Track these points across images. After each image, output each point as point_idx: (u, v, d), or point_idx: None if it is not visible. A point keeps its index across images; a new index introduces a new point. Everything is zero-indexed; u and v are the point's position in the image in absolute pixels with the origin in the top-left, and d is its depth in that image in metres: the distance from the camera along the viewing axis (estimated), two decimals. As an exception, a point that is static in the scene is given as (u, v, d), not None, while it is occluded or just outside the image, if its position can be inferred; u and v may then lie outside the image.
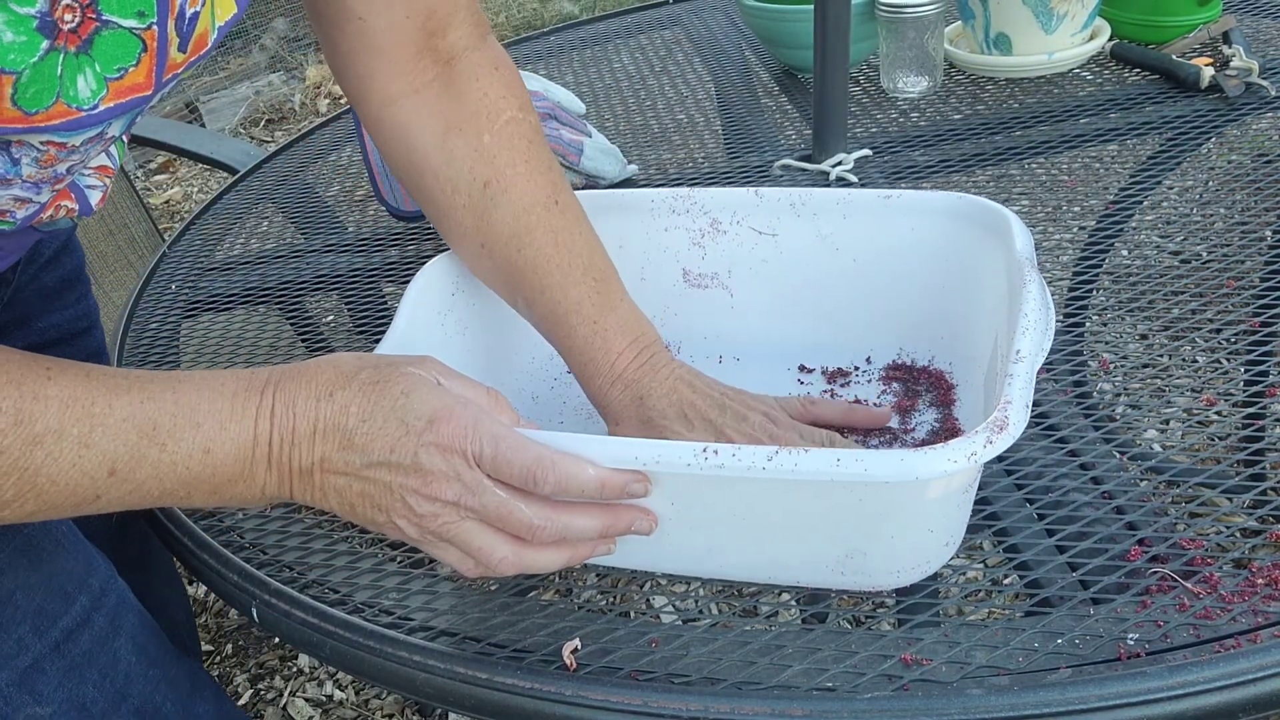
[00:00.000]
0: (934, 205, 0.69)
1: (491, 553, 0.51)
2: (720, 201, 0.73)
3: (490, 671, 0.53)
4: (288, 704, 1.48)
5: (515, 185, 0.65)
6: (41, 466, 0.47)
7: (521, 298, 0.66)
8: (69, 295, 0.78)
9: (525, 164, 0.65)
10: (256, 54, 3.74)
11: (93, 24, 0.43)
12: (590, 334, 0.64)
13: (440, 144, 0.65)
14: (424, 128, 0.65)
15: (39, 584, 0.59)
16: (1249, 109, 0.97)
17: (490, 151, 0.64)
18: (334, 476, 0.51)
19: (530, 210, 0.65)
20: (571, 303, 0.64)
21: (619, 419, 0.64)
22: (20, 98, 0.43)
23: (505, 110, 0.65)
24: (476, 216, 0.65)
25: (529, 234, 0.64)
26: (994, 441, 0.47)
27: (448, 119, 0.65)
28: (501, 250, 0.65)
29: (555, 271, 0.64)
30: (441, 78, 0.65)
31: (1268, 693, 0.46)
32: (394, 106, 0.65)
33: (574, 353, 0.65)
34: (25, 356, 0.48)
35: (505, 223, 0.64)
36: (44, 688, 0.59)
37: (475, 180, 0.64)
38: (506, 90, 0.66)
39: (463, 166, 0.64)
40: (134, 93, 0.47)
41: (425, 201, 0.67)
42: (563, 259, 0.65)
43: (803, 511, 0.52)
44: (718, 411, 0.62)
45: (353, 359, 0.54)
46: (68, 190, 0.56)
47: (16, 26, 0.41)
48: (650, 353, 0.65)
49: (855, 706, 0.48)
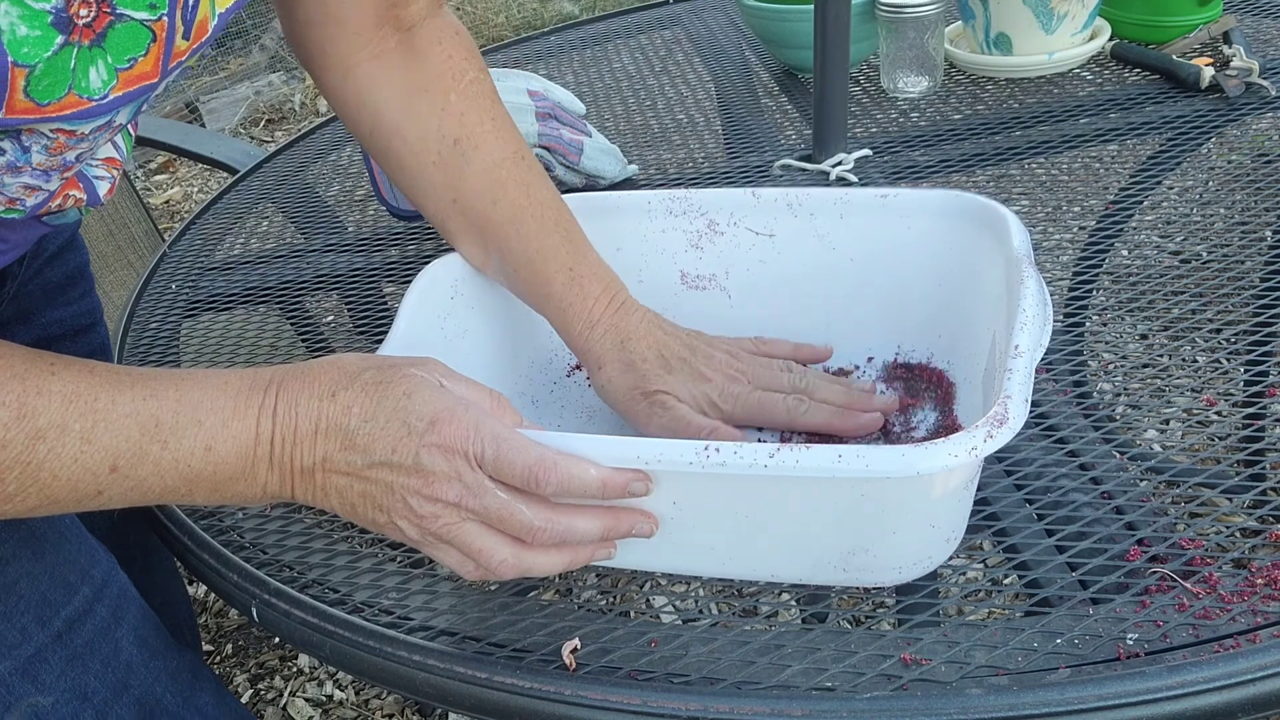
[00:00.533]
0: (931, 204, 0.69)
1: (492, 554, 0.51)
2: (717, 202, 0.73)
3: (490, 671, 0.53)
4: (288, 704, 1.49)
5: (485, 141, 0.67)
6: (44, 461, 0.47)
7: (495, 250, 0.68)
8: (72, 291, 0.78)
9: (491, 121, 0.68)
10: (256, 54, 3.74)
11: (108, 18, 0.44)
12: (568, 280, 0.67)
13: (405, 105, 0.67)
14: (388, 91, 0.67)
15: (42, 574, 0.60)
16: (1249, 109, 0.97)
17: (457, 109, 0.67)
18: (335, 476, 0.52)
19: (501, 165, 0.67)
20: (549, 251, 0.67)
21: (602, 362, 0.67)
22: (33, 90, 0.43)
23: (468, 71, 0.68)
24: (447, 173, 0.67)
25: (502, 188, 0.67)
26: (994, 436, 0.47)
27: (410, 81, 0.67)
28: (475, 204, 0.67)
29: (530, 221, 0.67)
30: (402, 44, 0.67)
31: (1267, 693, 0.46)
32: (355, 73, 0.67)
33: (552, 300, 0.67)
34: (30, 352, 0.49)
35: (478, 177, 0.67)
36: (46, 677, 0.59)
37: (445, 138, 0.67)
38: (468, 53, 0.68)
39: (430, 125, 0.66)
40: (142, 81, 0.47)
41: (392, 163, 0.69)
42: (536, 210, 0.67)
43: (805, 508, 0.52)
44: (689, 352, 0.67)
45: (356, 359, 0.54)
46: (76, 180, 0.56)
47: (31, 21, 0.41)
48: (621, 298, 0.68)
49: (854, 706, 0.48)
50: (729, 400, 0.66)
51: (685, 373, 0.66)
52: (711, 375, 0.66)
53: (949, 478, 0.49)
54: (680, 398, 0.65)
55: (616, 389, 0.67)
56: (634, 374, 0.66)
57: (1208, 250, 0.82)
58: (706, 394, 0.66)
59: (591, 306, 0.67)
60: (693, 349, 0.67)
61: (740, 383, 0.66)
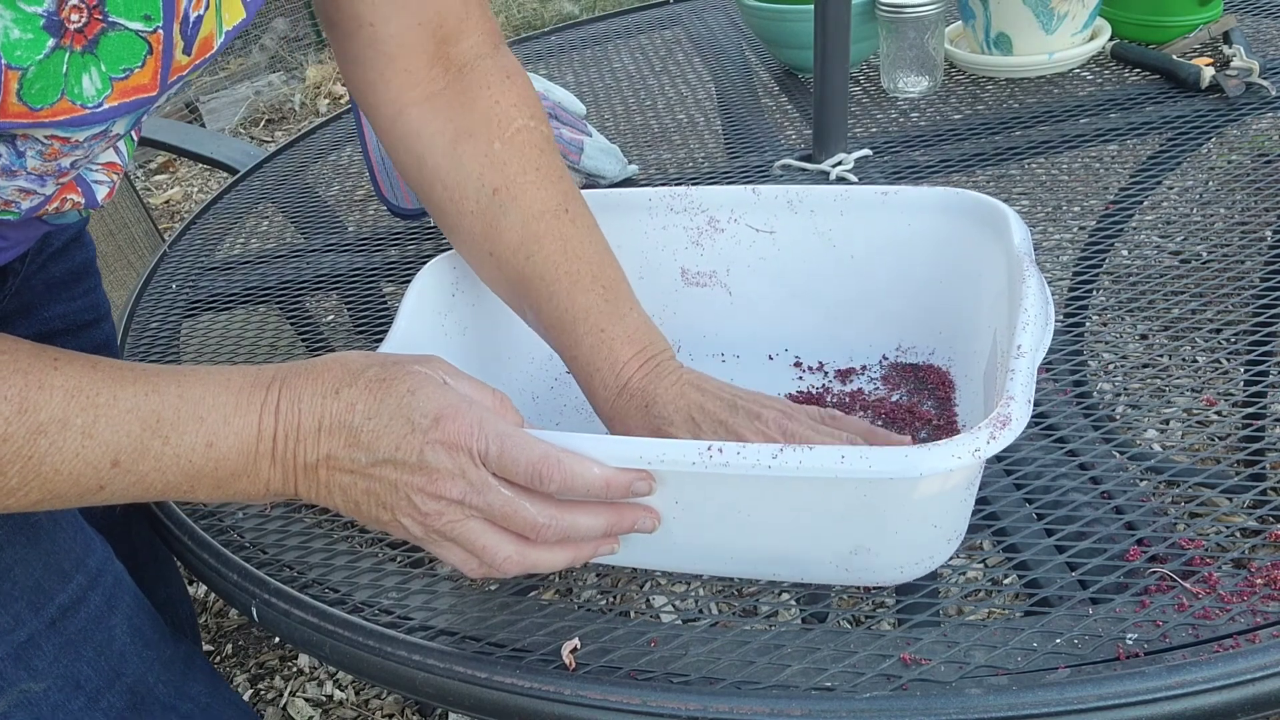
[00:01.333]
0: (931, 201, 0.69)
1: (496, 552, 0.51)
2: (718, 199, 0.73)
3: (489, 671, 0.53)
4: (288, 704, 1.49)
5: (525, 193, 0.64)
6: (45, 455, 0.47)
7: (529, 306, 0.65)
8: (76, 287, 0.78)
9: (535, 172, 0.64)
10: (256, 54, 3.74)
11: (99, 25, 0.44)
12: (596, 343, 0.63)
13: (450, 151, 0.64)
14: (434, 135, 0.64)
15: (37, 561, 0.60)
16: (1249, 109, 0.97)
17: (500, 159, 0.64)
18: (339, 474, 0.52)
19: (540, 218, 0.64)
20: (579, 310, 0.63)
21: (628, 429, 0.62)
22: (26, 93, 0.43)
23: (516, 119, 0.65)
24: (485, 224, 0.64)
25: (537, 242, 0.63)
26: (997, 437, 0.47)
27: (458, 126, 0.64)
28: (510, 258, 0.64)
29: (563, 279, 0.63)
30: (453, 86, 0.65)
31: (1266, 693, 0.46)
32: (405, 114, 0.64)
33: (580, 362, 0.64)
34: (35, 347, 0.49)
35: (514, 230, 0.64)
36: (39, 663, 0.59)
37: (484, 187, 0.64)
38: (519, 99, 0.65)
39: (471, 173, 0.64)
40: (139, 93, 0.47)
41: (434, 210, 0.67)
42: (571, 266, 0.63)
43: (807, 508, 0.52)
44: (729, 412, 0.60)
45: (360, 357, 0.54)
46: (74, 184, 0.56)
47: (24, 24, 0.41)
48: (657, 362, 0.63)
49: (854, 706, 0.48)
50: None
51: (717, 433, 0.60)
52: (750, 437, 0.59)
53: (952, 478, 0.49)
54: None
55: None
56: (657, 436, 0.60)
57: (1208, 250, 0.82)
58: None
59: (620, 370, 0.62)
60: (735, 409, 0.60)
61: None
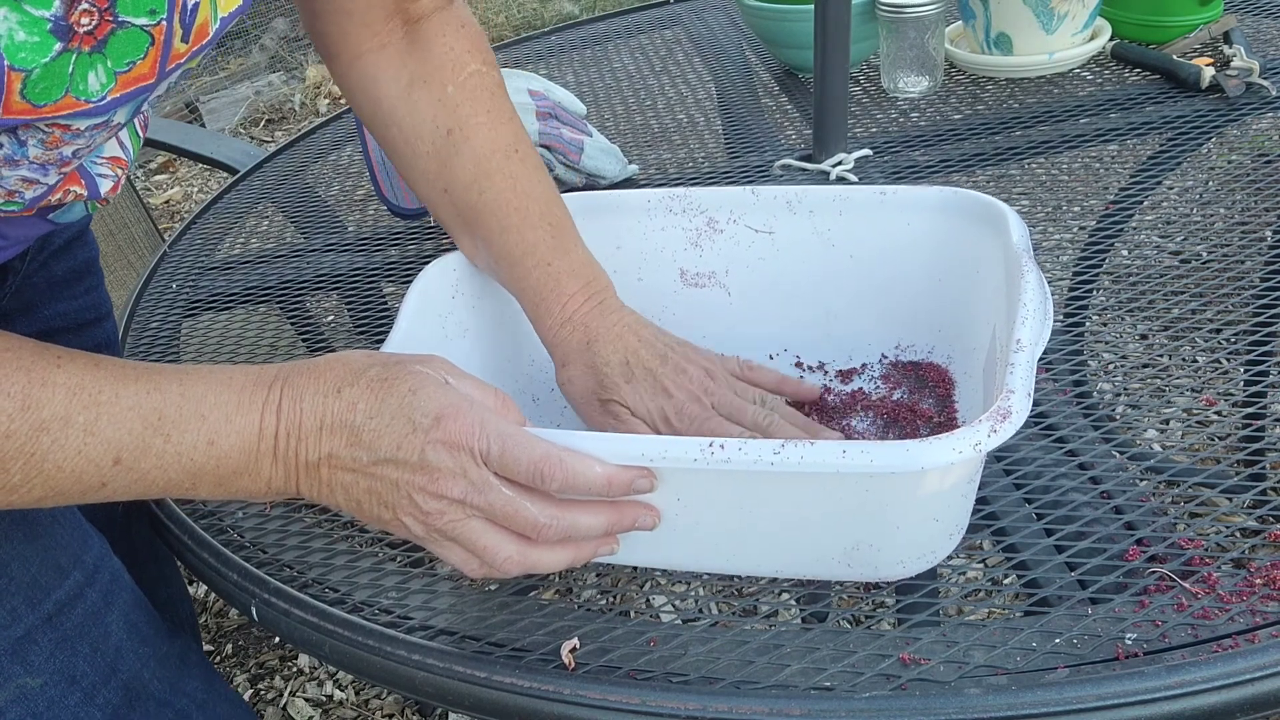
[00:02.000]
0: (929, 200, 0.69)
1: (497, 551, 0.51)
2: (716, 200, 0.73)
3: (489, 670, 0.53)
4: (288, 704, 1.49)
5: (477, 134, 0.68)
6: (48, 452, 0.47)
7: (480, 240, 0.69)
8: (78, 286, 0.78)
9: (487, 114, 0.68)
10: (256, 54, 3.74)
11: (109, 25, 0.44)
12: (544, 275, 0.67)
13: (405, 95, 0.68)
14: (390, 81, 0.68)
15: (34, 556, 0.60)
16: (1249, 109, 0.97)
17: (453, 101, 0.68)
18: (341, 473, 0.52)
19: (490, 157, 0.68)
20: (527, 245, 0.67)
21: (566, 360, 0.67)
22: (29, 92, 0.43)
23: (469, 64, 0.68)
24: (439, 163, 0.68)
25: (489, 179, 0.67)
26: (998, 430, 0.48)
27: (412, 72, 0.68)
28: (462, 194, 0.68)
29: (513, 214, 0.67)
30: (409, 35, 0.68)
31: (1265, 693, 0.46)
32: (361, 61, 0.68)
33: (527, 293, 0.67)
34: (39, 345, 0.49)
35: (466, 168, 0.67)
36: (35, 658, 0.59)
37: (438, 129, 0.67)
38: (471, 45, 0.69)
39: (425, 116, 0.68)
40: (139, 82, 0.48)
41: (391, 152, 0.70)
42: (520, 203, 0.67)
43: (809, 504, 0.52)
44: (659, 362, 0.65)
45: (361, 356, 0.54)
46: (77, 175, 0.56)
47: (30, 27, 0.41)
48: (601, 298, 0.67)
49: (853, 706, 0.48)
50: (684, 420, 0.64)
51: (647, 384, 0.64)
52: (675, 391, 0.64)
53: (953, 472, 0.50)
54: (634, 411, 0.64)
55: (576, 390, 0.66)
56: (594, 378, 0.65)
57: (1208, 250, 0.82)
58: (663, 409, 0.64)
59: (565, 303, 0.66)
60: (664, 359, 0.65)
61: (702, 405, 0.64)
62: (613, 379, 0.64)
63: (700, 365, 0.66)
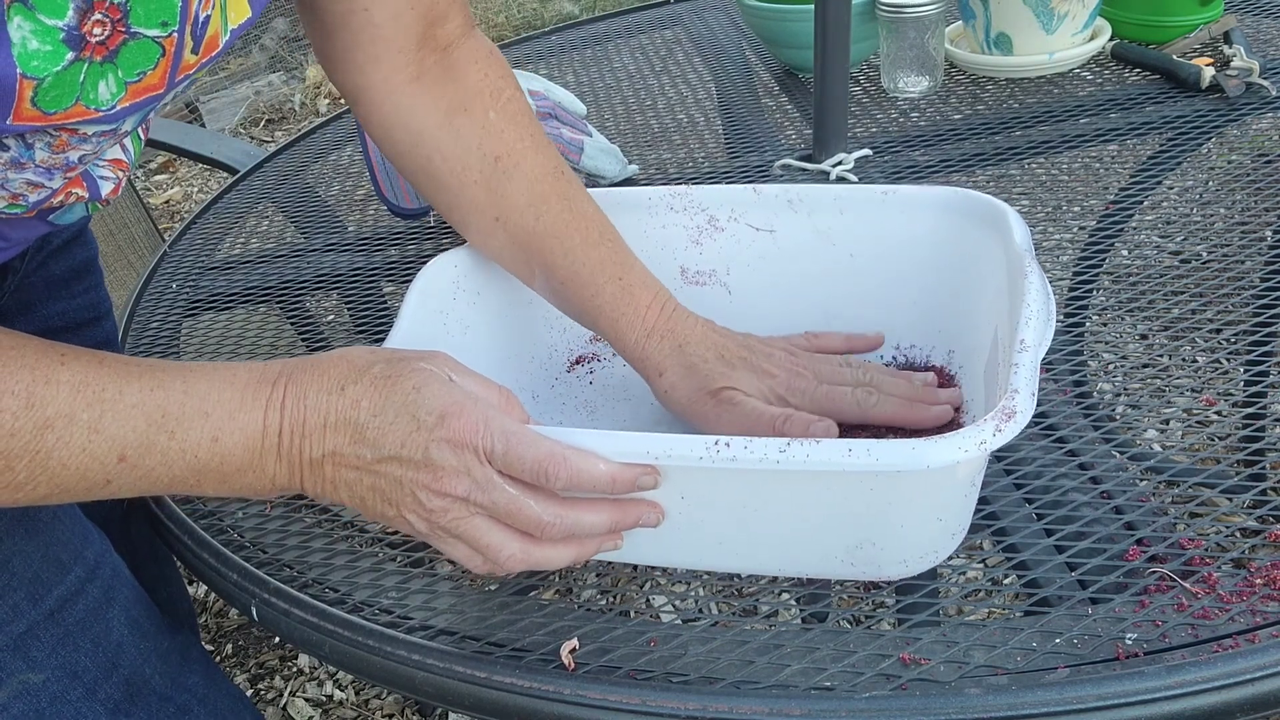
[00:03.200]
0: (930, 200, 0.69)
1: (501, 549, 0.52)
2: (717, 198, 0.73)
3: (489, 670, 0.53)
4: (288, 704, 1.49)
5: (525, 158, 0.67)
6: (52, 450, 0.47)
7: (540, 265, 0.68)
8: (77, 285, 0.78)
9: (530, 138, 0.68)
10: (256, 54, 3.74)
11: (121, 36, 0.44)
12: (619, 290, 0.66)
13: (445, 124, 0.66)
14: (428, 111, 0.66)
15: (35, 552, 0.60)
16: (1249, 109, 0.97)
17: (498, 127, 0.67)
18: (345, 470, 0.52)
19: (543, 180, 0.67)
20: (595, 262, 0.66)
21: (662, 369, 0.66)
22: (40, 100, 0.44)
23: (505, 89, 0.68)
24: (489, 190, 0.67)
25: (545, 202, 0.67)
26: (1003, 429, 0.48)
27: (450, 101, 0.66)
28: (518, 220, 0.67)
29: (575, 234, 0.67)
30: (440, 64, 0.67)
31: (1266, 693, 0.46)
32: (396, 94, 0.66)
33: (603, 311, 0.67)
34: (42, 343, 0.49)
35: (520, 193, 0.66)
36: (38, 654, 0.60)
37: (486, 155, 0.66)
38: (503, 71, 0.69)
39: (471, 144, 0.66)
40: (148, 92, 0.48)
41: (433, 184, 0.68)
42: (580, 224, 0.67)
43: (814, 502, 0.52)
44: (747, 351, 0.66)
45: (365, 353, 0.54)
46: (80, 178, 0.56)
47: (43, 36, 0.42)
48: (673, 306, 0.67)
49: (853, 706, 0.48)
50: (796, 395, 0.65)
51: (747, 369, 0.65)
52: (775, 371, 0.65)
53: (958, 471, 0.50)
54: (748, 392, 0.64)
55: (680, 394, 0.66)
56: (697, 376, 0.65)
57: (1208, 250, 0.82)
58: (773, 388, 0.65)
59: (645, 314, 0.66)
60: (750, 348, 0.66)
61: (805, 377, 0.65)
62: (718, 370, 0.65)
63: (780, 346, 0.68)
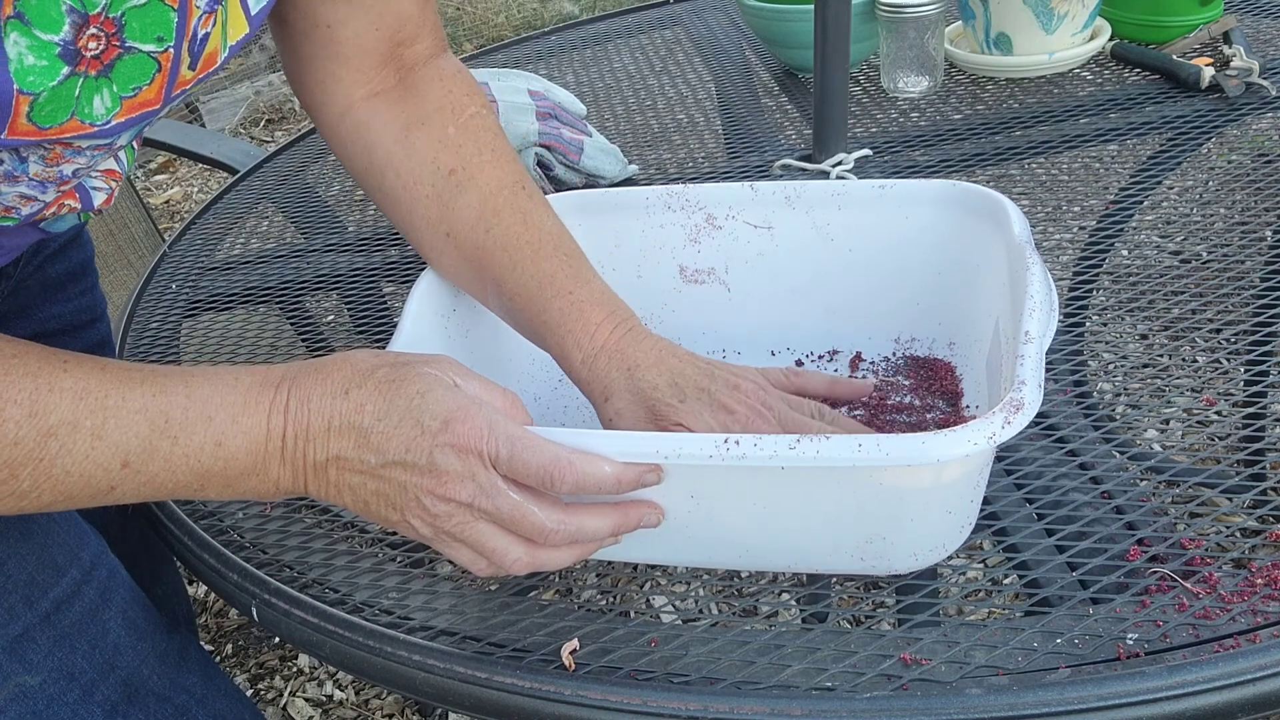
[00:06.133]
0: (928, 193, 0.69)
1: (505, 554, 0.52)
2: (715, 197, 0.73)
3: (489, 671, 0.53)
4: (288, 704, 1.48)
5: (482, 172, 0.65)
6: (56, 458, 0.47)
7: (490, 279, 0.65)
8: (73, 288, 0.78)
9: (491, 153, 0.66)
10: (256, 54, 3.74)
11: (116, 50, 0.44)
12: (567, 305, 0.62)
13: (401, 139, 0.65)
14: (384, 125, 0.66)
15: (30, 555, 0.60)
16: (1249, 109, 0.97)
17: (456, 142, 0.65)
18: (349, 474, 0.52)
19: (498, 193, 0.65)
20: (544, 276, 0.63)
21: (609, 393, 0.61)
22: (36, 115, 0.44)
23: (469, 107, 0.67)
24: (441, 205, 0.65)
25: (496, 215, 0.64)
26: (1012, 422, 0.48)
27: (409, 116, 0.66)
28: (468, 235, 0.65)
29: (525, 248, 0.64)
30: (403, 82, 0.66)
31: (1267, 692, 0.46)
32: (354, 110, 0.66)
33: (550, 328, 0.63)
34: (44, 350, 0.49)
35: (471, 207, 0.64)
36: (34, 656, 0.60)
37: (439, 169, 0.65)
38: (469, 89, 0.67)
39: (425, 158, 0.65)
40: (144, 108, 0.48)
41: (387, 200, 0.67)
42: (532, 236, 0.64)
43: (824, 498, 0.52)
44: (709, 380, 0.61)
45: (369, 356, 0.54)
46: (73, 190, 0.56)
47: (39, 51, 0.42)
48: (629, 326, 0.63)
49: (854, 706, 0.48)
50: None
51: (704, 403, 0.60)
52: (736, 407, 0.60)
53: (967, 464, 0.50)
54: (695, 429, 0.59)
55: (625, 422, 0.61)
56: (644, 405, 0.60)
57: (1208, 250, 0.82)
58: (728, 426, 0.59)
59: (594, 332, 0.62)
60: (713, 377, 0.61)
61: (768, 420, 0.60)
62: (666, 401, 0.60)
63: (751, 379, 0.62)
